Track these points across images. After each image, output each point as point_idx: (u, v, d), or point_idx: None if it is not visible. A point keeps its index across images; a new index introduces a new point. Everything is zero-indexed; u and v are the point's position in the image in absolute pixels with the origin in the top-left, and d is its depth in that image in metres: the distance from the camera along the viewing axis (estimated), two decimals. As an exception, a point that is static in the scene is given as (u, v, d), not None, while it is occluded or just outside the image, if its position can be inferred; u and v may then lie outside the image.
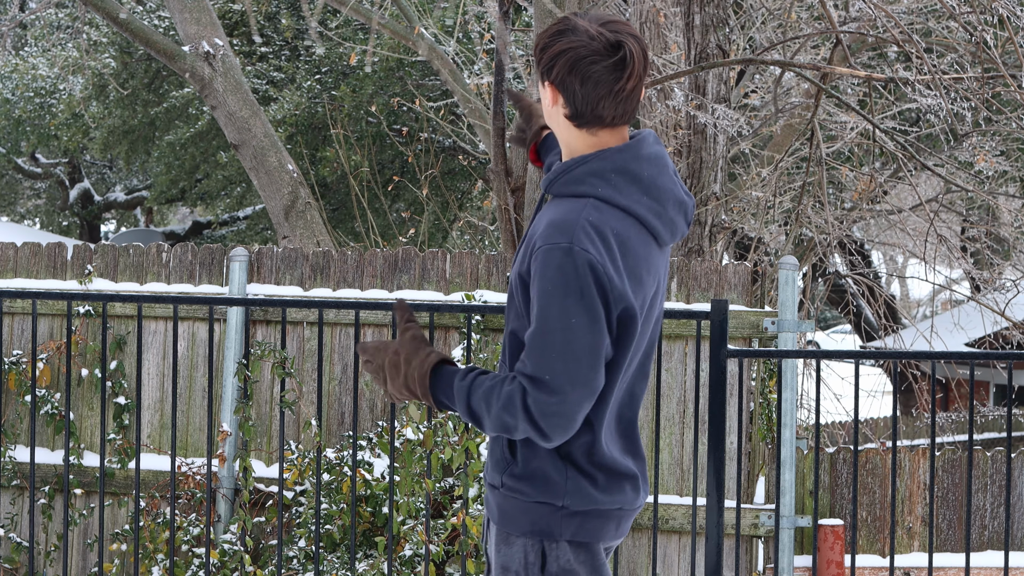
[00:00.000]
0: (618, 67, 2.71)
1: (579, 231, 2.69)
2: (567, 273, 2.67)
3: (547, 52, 2.75)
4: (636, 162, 2.79)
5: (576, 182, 2.78)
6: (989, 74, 8.34)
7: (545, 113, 2.85)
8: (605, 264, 2.70)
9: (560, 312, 2.68)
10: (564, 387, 2.70)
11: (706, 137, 8.93)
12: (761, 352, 5.87)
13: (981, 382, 21.49)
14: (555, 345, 2.69)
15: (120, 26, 10.10)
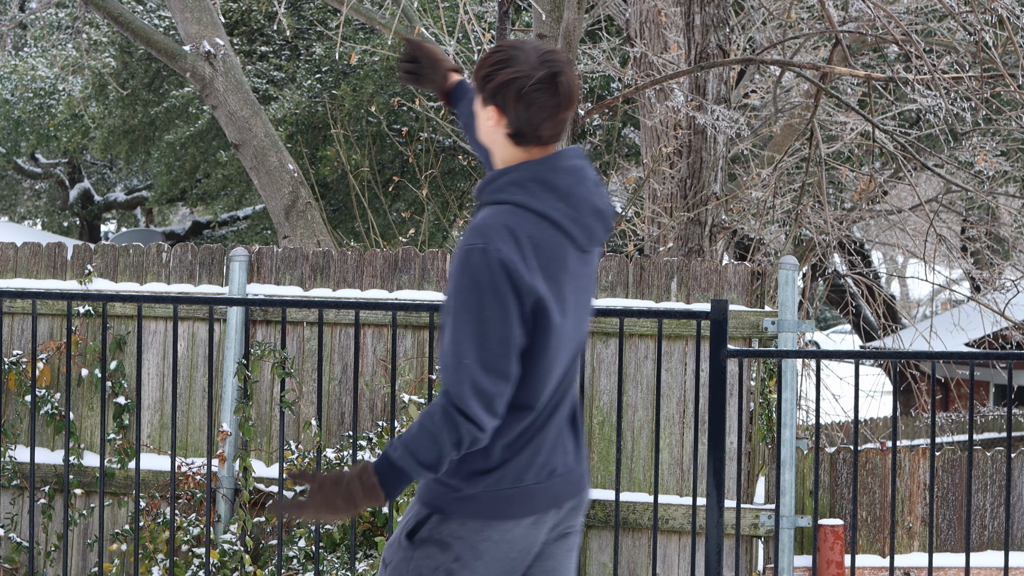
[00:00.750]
0: (557, 95, 3.05)
1: (494, 233, 2.98)
2: (481, 271, 2.95)
3: (494, 79, 3.05)
4: (553, 172, 3.08)
5: (498, 191, 3.07)
6: (989, 74, 8.34)
7: (483, 129, 3.13)
8: (516, 262, 2.97)
9: (476, 306, 2.95)
10: (481, 372, 2.95)
11: (706, 137, 8.92)
12: (761, 352, 5.87)
13: (981, 382, 21.49)
14: (470, 336, 2.95)
15: (121, 25, 10.10)
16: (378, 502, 3.03)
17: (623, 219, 10.76)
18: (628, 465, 6.39)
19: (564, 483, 3.16)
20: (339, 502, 3.02)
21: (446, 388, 2.98)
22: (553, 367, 3.09)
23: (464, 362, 2.96)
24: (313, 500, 3.04)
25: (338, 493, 3.02)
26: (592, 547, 6.40)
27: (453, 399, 2.96)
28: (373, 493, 3.01)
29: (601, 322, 6.35)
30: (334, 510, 3.03)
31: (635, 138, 15.56)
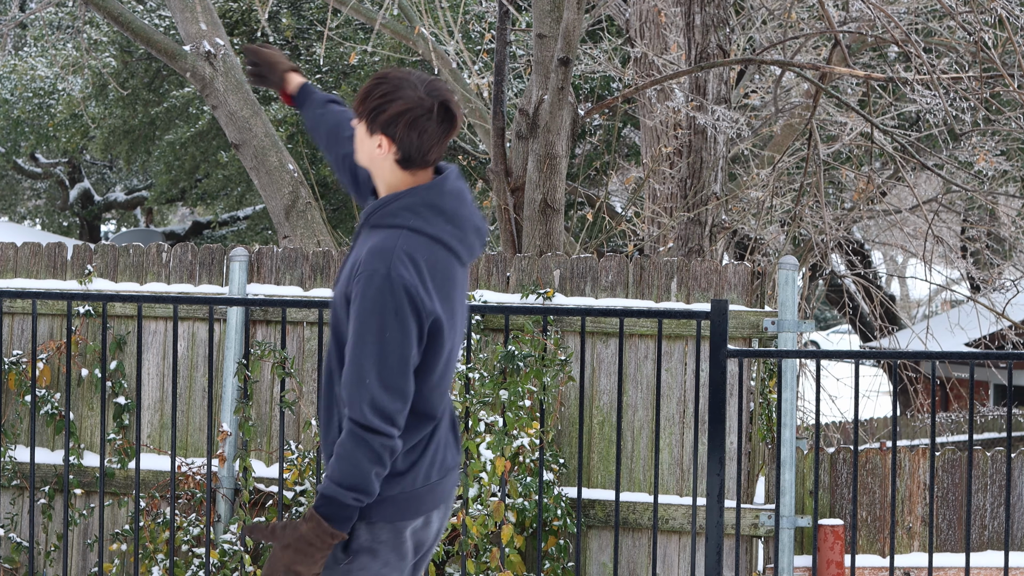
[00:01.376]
0: (444, 123, 3.33)
1: (395, 259, 3.21)
2: (384, 294, 3.19)
3: (386, 111, 3.29)
4: (440, 197, 3.34)
5: (392, 215, 3.31)
6: (988, 74, 8.34)
7: (369, 155, 3.35)
8: (417, 286, 3.22)
9: (378, 328, 3.19)
10: (381, 391, 3.19)
11: (706, 137, 8.92)
12: (761, 352, 5.87)
13: (981, 382, 21.49)
14: (372, 356, 3.19)
15: (120, 25, 10.10)
16: (326, 534, 3.22)
17: (623, 219, 10.76)
18: (628, 465, 6.39)
19: (453, 477, 3.47)
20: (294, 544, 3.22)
21: (350, 414, 3.20)
22: (446, 378, 3.38)
23: (366, 382, 3.19)
24: (274, 552, 3.23)
25: (287, 536, 3.22)
26: (592, 547, 6.40)
27: (357, 419, 3.20)
28: (323, 531, 3.21)
29: (601, 322, 6.35)
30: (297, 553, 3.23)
31: (635, 138, 15.56)
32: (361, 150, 3.38)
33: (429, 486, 3.38)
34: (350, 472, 3.20)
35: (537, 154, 7.78)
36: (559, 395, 6.37)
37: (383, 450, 3.20)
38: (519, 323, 6.36)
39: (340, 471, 3.20)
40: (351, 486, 3.20)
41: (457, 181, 3.39)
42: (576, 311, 5.99)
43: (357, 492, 3.20)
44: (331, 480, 3.20)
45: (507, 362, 6.11)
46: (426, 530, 3.42)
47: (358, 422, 3.19)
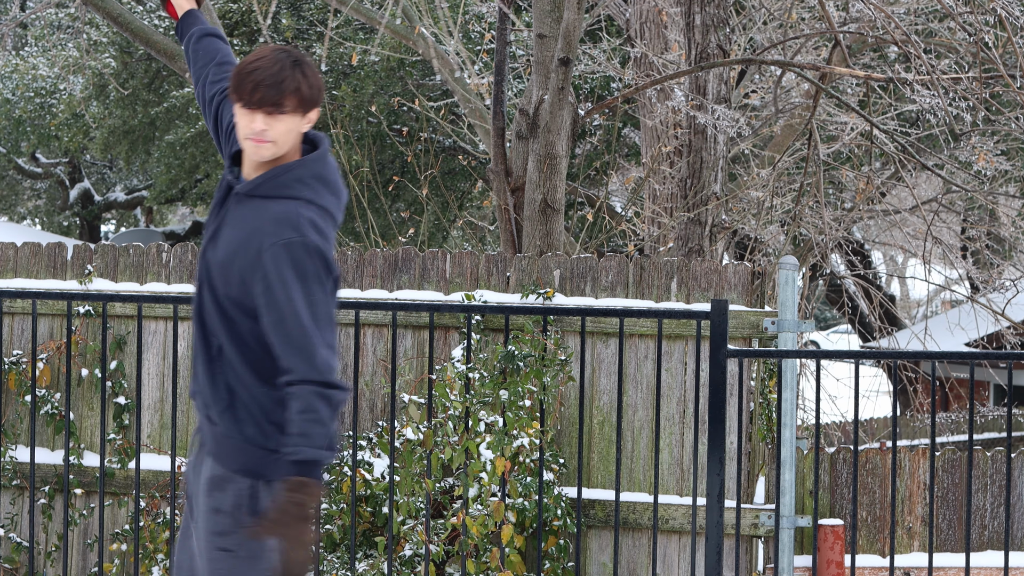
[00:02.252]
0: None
1: (305, 226, 3.38)
2: (304, 261, 3.35)
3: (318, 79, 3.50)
4: (326, 169, 3.52)
5: (285, 186, 3.45)
6: (988, 74, 8.34)
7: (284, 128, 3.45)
8: (327, 250, 3.41)
9: (305, 293, 3.34)
10: (326, 349, 3.33)
11: (706, 137, 8.92)
12: (761, 352, 5.87)
13: (981, 382, 21.49)
14: (308, 319, 3.33)
15: (120, 26, 10.10)
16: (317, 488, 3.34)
17: (623, 219, 10.76)
18: (628, 465, 6.39)
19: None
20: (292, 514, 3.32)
21: (303, 374, 3.31)
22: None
23: (313, 343, 3.32)
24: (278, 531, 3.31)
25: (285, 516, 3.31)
26: (592, 547, 6.40)
27: (314, 378, 3.31)
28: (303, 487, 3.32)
29: (601, 322, 6.35)
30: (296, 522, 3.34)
31: (635, 138, 15.56)
32: (287, 129, 3.48)
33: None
34: (321, 432, 3.31)
35: (537, 154, 7.78)
36: (559, 395, 6.37)
37: (340, 403, 3.34)
38: (519, 323, 6.36)
39: (314, 432, 3.30)
40: (326, 445, 3.33)
41: (328, 150, 3.58)
42: (576, 311, 6.00)
43: (331, 448, 3.33)
44: (309, 445, 3.30)
45: (507, 362, 6.11)
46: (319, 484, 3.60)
47: (316, 381, 3.31)
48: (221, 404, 3.48)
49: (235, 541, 3.45)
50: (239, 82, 3.41)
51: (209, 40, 3.96)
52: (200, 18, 4.03)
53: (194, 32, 3.99)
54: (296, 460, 3.29)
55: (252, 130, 3.44)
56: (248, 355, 3.46)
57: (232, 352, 3.46)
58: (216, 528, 3.46)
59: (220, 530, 3.46)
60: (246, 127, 3.44)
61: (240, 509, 3.45)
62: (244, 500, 3.46)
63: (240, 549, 3.45)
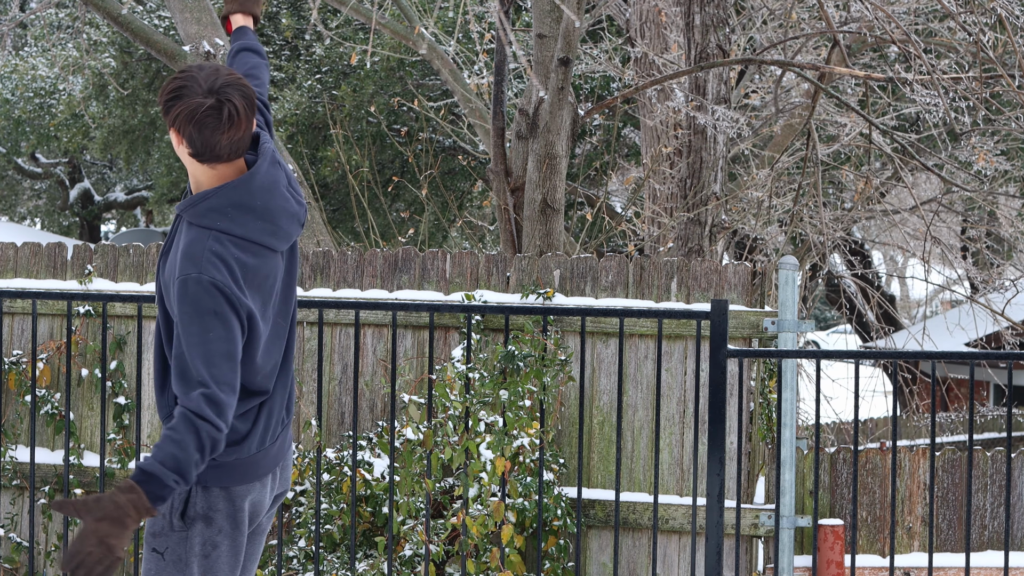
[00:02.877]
0: (229, 122, 3.36)
1: (205, 262, 3.34)
2: (201, 297, 3.32)
3: (172, 109, 3.36)
4: (249, 195, 3.43)
5: (201, 215, 3.41)
6: (988, 74, 8.34)
7: (175, 149, 3.45)
8: (229, 285, 3.34)
9: (200, 329, 3.32)
10: (213, 384, 3.30)
11: (706, 137, 8.93)
12: (761, 352, 5.87)
13: (981, 382, 21.49)
14: (200, 356, 3.31)
15: (120, 26, 10.10)
16: (142, 508, 3.21)
17: (623, 219, 10.76)
18: (628, 465, 6.39)
19: (281, 444, 3.64)
20: (110, 513, 3.19)
21: (184, 402, 3.30)
22: (266, 359, 3.51)
23: (197, 379, 3.30)
24: (87, 526, 3.19)
25: (102, 507, 3.19)
26: (592, 547, 6.40)
27: (191, 407, 3.29)
28: (134, 495, 3.21)
29: (601, 322, 6.35)
30: (111, 524, 3.20)
31: (635, 138, 15.56)
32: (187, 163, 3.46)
33: (263, 451, 3.56)
34: (176, 456, 3.26)
35: (537, 154, 7.78)
36: (559, 395, 6.37)
37: (208, 440, 3.29)
38: (519, 323, 6.36)
39: (167, 453, 3.26)
40: (175, 468, 3.26)
41: (269, 172, 3.47)
42: (576, 311, 6.00)
43: (178, 475, 3.27)
44: (156, 460, 3.26)
45: (507, 362, 6.11)
46: (262, 492, 3.59)
47: (192, 410, 3.29)
48: (166, 410, 3.53)
49: (164, 543, 3.49)
50: None
51: (243, 55, 4.02)
52: (246, 33, 4.08)
53: (234, 47, 4.05)
54: (139, 466, 3.26)
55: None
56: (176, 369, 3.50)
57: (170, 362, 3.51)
58: (151, 528, 3.52)
59: (154, 531, 3.51)
60: None
61: (173, 511, 3.48)
62: (177, 503, 3.48)
63: (168, 552, 3.48)
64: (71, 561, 3.18)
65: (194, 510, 3.47)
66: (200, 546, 3.48)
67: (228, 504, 3.50)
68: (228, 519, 3.50)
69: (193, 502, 3.48)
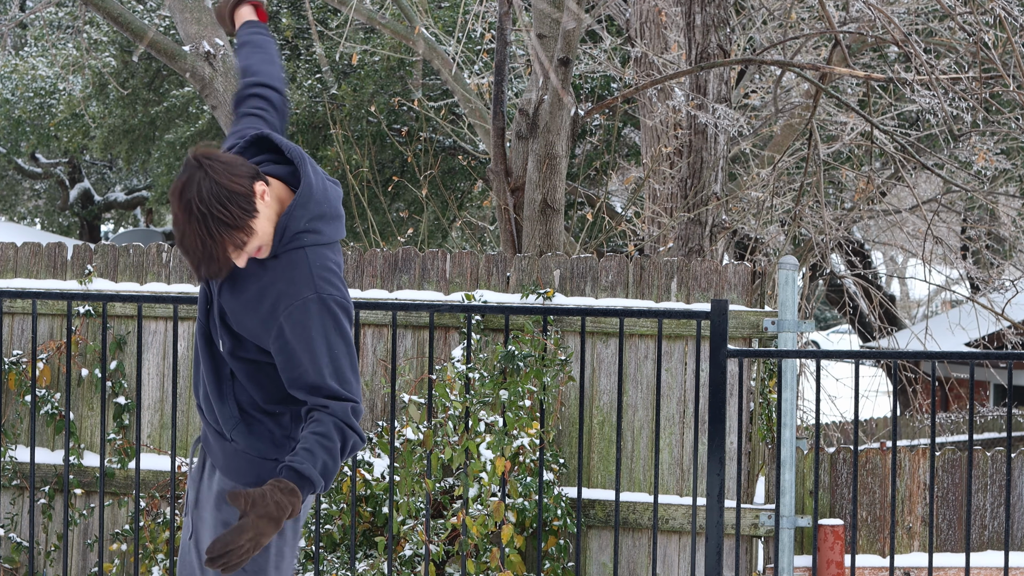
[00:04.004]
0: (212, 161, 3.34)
1: (318, 279, 3.37)
2: (324, 317, 3.34)
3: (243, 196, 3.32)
4: (317, 204, 3.43)
5: (288, 242, 3.39)
6: (988, 74, 8.34)
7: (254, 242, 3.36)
8: (343, 296, 3.40)
9: (327, 347, 3.34)
10: (358, 400, 3.36)
11: (706, 137, 8.92)
12: (761, 352, 5.87)
13: (981, 382, 21.49)
14: (332, 374, 3.33)
15: (120, 25, 10.09)
16: (296, 510, 3.25)
17: (623, 219, 10.76)
18: (628, 465, 6.39)
19: None
20: (271, 512, 3.19)
21: (334, 411, 3.32)
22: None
23: (336, 394, 3.33)
24: (247, 520, 3.19)
25: (266, 505, 3.19)
26: (592, 547, 6.40)
27: (343, 418, 3.32)
28: (294, 498, 3.23)
29: (601, 322, 6.35)
30: (269, 522, 3.20)
31: (635, 138, 15.56)
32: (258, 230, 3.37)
33: None
34: (328, 464, 3.29)
35: (537, 154, 7.78)
36: (559, 395, 6.37)
37: (351, 451, 3.35)
38: (519, 323, 6.36)
39: (320, 458, 3.28)
40: (324, 475, 3.29)
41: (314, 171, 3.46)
42: (576, 311, 6.00)
43: (325, 480, 3.31)
44: (311, 463, 3.27)
45: (507, 362, 6.11)
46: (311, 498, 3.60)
47: (343, 420, 3.32)
48: (232, 421, 3.49)
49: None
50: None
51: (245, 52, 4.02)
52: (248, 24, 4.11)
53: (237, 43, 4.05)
54: (294, 468, 3.26)
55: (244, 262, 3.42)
56: (260, 382, 3.49)
57: (242, 375, 3.50)
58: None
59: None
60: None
61: None
62: None
63: (250, 565, 3.48)
64: (222, 549, 3.16)
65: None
66: (274, 556, 3.52)
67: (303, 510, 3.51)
68: (291, 527, 3.54)
69: None
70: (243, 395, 3.50)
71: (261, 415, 3.50)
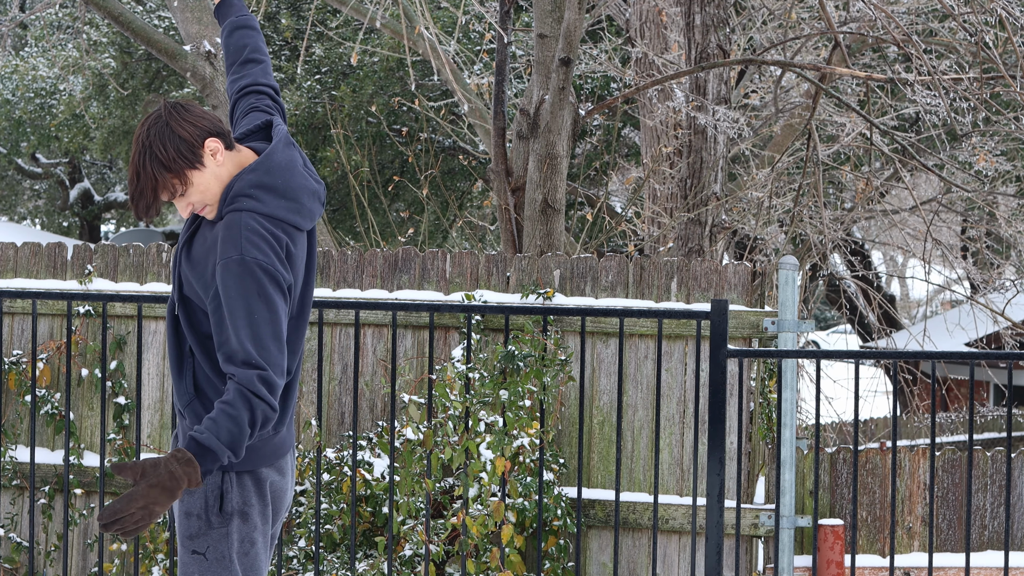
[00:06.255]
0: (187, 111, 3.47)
1: (245, 242, 3.37)
2: (244, 279, 3.35)
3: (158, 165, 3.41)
4: (269, 175, 3.47)
5: (229, 202, 3.44)
6: (989, 75, 8.34)
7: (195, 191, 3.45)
8: (272, 262, 3.38)
9: (246, 312, 3.34)
10: (268, 369, 3.32)
11: (706, 137, 8.93)
12: (761, 352, 5.87)
13: (981, 382, 21.49)
14: (249, 338, 3.32)
15: (121, 25, 10.10)
16: (194, 481, 3.24)
17: (623, 219, 10.76)
18: (628, 465, 6.39)
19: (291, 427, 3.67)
20: (163, 478, 3.22)
21: (239, 379, 3.31)
22: (295, 339, 3.57)
23: (249, 360, 3.32)
24: (139, 488, 3.21)
25: (158, 471, 3.21)
26: (592, 547, 6.40)
27: (248, 386, 3.31)
28: (191, 468, 3.23)
29: (601, 322, 6.35)
30: (162, 492, 3.21)
31: (635, 138, 15.56)
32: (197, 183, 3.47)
33: (286, 430, 3.60)
34: (232, 432, 3.28)
35: (538, 154, 7.78)
36: (559, 395, 6.37)
37: (262, 419, 3.32)
38: (519, 323, 6.36)
39: (224, 428, 3.28)
40: (230, 444, 3.28)
41: (285, 152, 3.52)
42: (576, 311, 6.00)
43: (232, 451, 3.30)
44: (214, 434, 3.27)
45: (507, 362, 6.11)
46: (282, 480, 3.60)
47: (248, 388, 3.31)
48: (186, 397, 3.53)
49: (204, 543, 3.48)
50: None
51: (239, 33, 4.02)
52: (235, 7, 4.07)
53: (226, 25, 4.04)
54: (194, 438, 3.27)
55: (186, 213, 3.52)
56: (207, 356, 3.52)
57: (198, 351, 3.52)
58: (188, 532, 3.50)
59: (191, 533, 3.49)
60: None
61: (209, 510, 3.48)
62: (212, 499, 3.48)
63: (210, 551, 3.47)
64: (111, 516, 3.19)
65: (231, 505, 3.48)
66: (239, 543, 3.50)
67: (260, 498, 3.52)
68: (260, 514, 3.52)
69: (229, 497, 3.48)
70: (200, 373, 3.52)
71: (215, 393, 3.51)
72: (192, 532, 3.49)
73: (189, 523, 3.49)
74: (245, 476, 3.50)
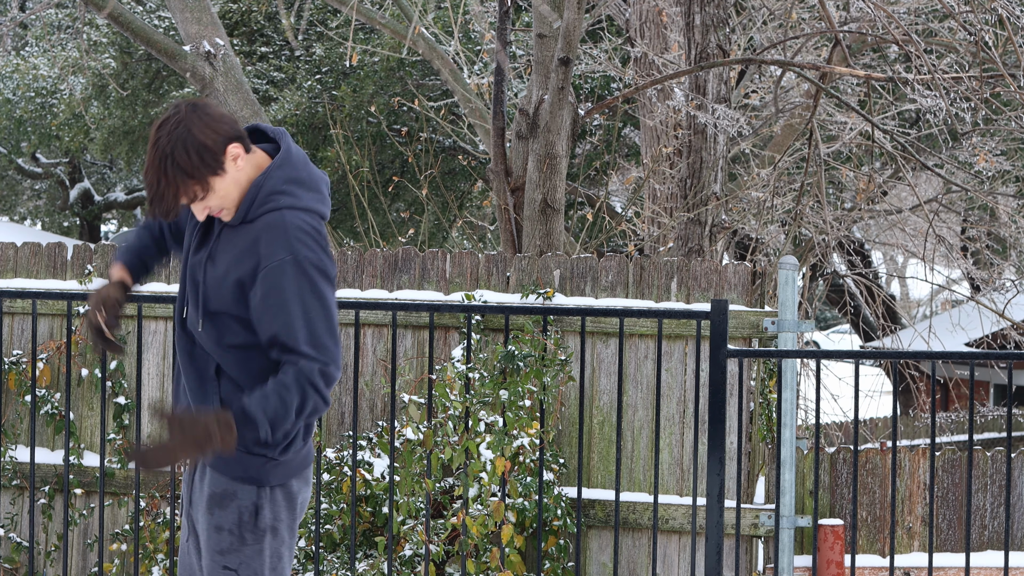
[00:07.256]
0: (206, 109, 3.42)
1: (294, 241, 3.34)
2: (299, 279, 3.32)
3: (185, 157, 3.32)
4: (295, 169, 3.44)
5: (262, 204, 3.40)
6: (989, 74, 8.34)
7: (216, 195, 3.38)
8: (321, 258, 3.36)
9: (303, 309, 3.31)
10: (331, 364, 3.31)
11: (706, 137, 8.92)
12: (761, 352, 5.87)
13: (981, 382, 21.49)
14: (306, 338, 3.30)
15: (120, 25, 10.10)
16: (229, 442, 3.26)
17: (623, 219, 10.76)
18: (628, 465, 6.39)
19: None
20: (199, 433, 3.24)
21: (302, 367, 3.29)
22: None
23: (313, 354, 3.30)
24: (174, 435, 3.26)
25: (196, 426, 3.25)
26: (592, 547, 6.40)
27: (308, 375, 3.30)
28: (228, 429, 3.25)
29: (601, 322, 6.35)
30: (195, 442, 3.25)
31: (635, 138, 15.56)
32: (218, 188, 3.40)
33: (308, 444, 3.56)
34: (278, 412, 3.29)
35: (537, 154, 7.78)
36: (559, 395, 6.37)
37: (311, 410, 3.32)
38: (519, 323, 6.36)
39: (272, 405, 3.28)
40: (271, 423, 3.28)
41: (292, 144, 3.51)
42: (576, 311, 5.99)
43: (271, 432, 3.29)
44: (260, 406, 3.27)
45: (507, 362, 6.11)
46: (307, 489, 3.58)
47: (308, 376, 3.30)
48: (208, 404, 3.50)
49: (236, 559, 3.44)
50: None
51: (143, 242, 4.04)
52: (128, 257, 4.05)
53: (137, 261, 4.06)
54: (241, 407, 3.28)
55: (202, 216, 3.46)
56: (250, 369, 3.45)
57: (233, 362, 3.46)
58: (219, 547, 3.45)
59: (223, 548, 3.45)
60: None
61: (243, 526, 3.44)
62: (247, 515, 3.45)
63: (243, 567, 3.44)
64: (138, 454, 3.28)
65: (264, 522, 3.46)
66: (269, 558, 3.48)
67: (289, 513, 3.51)
68: (288, 528, 3.51)
69: (263, 513, 3.46)
70: (227, 388, 3.47)
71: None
72: (224, 547, 3.45)
73: (220, 538, 3.45)
74: (278, 491, 3.48)
